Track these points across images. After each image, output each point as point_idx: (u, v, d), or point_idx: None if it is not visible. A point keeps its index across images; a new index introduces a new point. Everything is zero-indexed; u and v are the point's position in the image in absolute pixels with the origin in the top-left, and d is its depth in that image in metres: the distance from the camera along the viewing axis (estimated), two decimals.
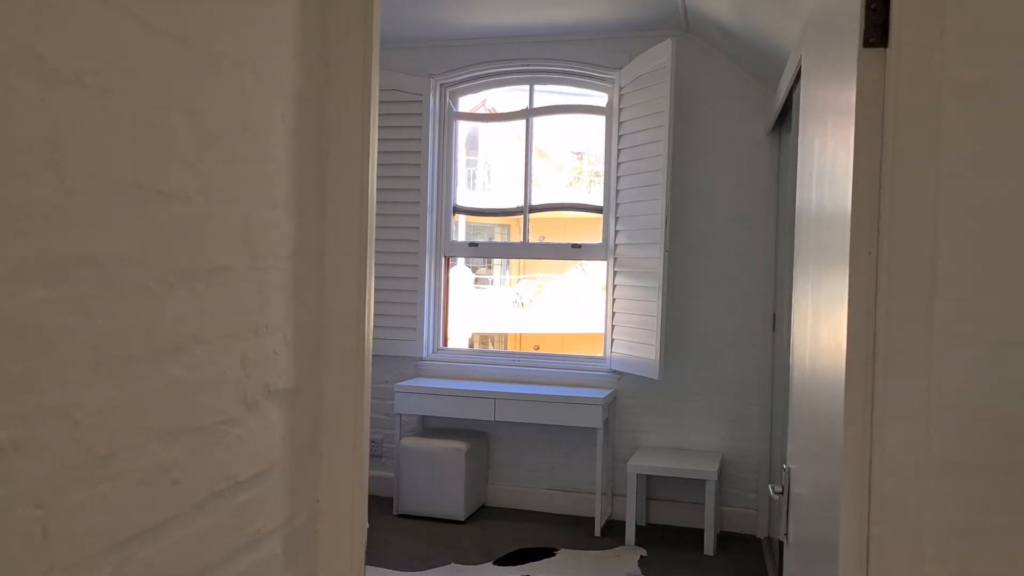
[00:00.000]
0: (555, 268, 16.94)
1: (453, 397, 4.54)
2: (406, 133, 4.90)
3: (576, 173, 16.52)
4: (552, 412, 4.39)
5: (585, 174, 16.55)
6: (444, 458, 4.50)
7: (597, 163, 16.83)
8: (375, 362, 4.93)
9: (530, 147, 4.90)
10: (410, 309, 4.92)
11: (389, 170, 4.93)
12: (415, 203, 4.91)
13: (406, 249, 4.93)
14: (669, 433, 4.58)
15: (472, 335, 16.31)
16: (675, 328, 4.45)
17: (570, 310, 15.90)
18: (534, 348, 17.53)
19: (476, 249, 5.06)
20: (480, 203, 14.78)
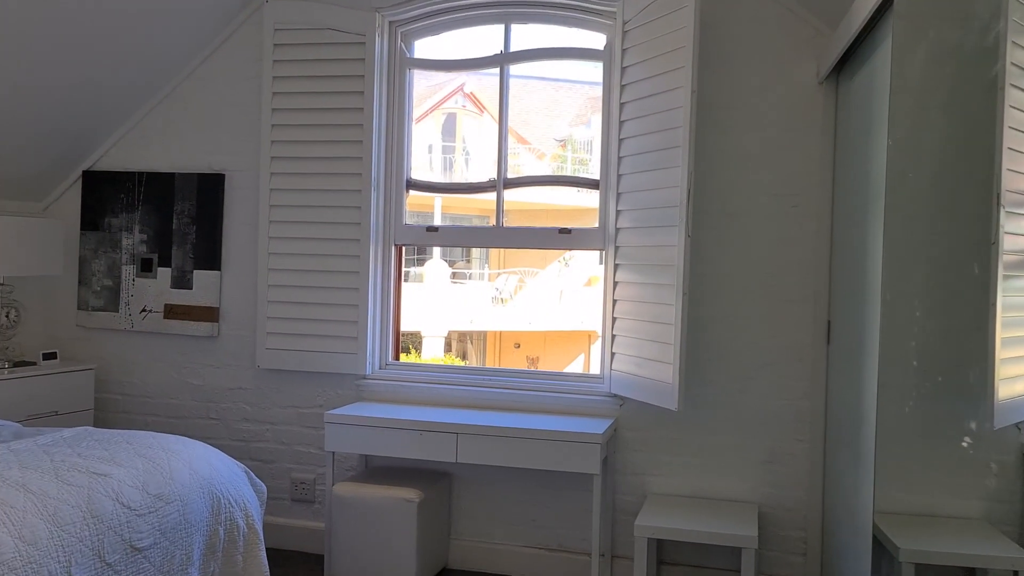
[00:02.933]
0: (537, 261, 15.83)
1: (403, 431, 3.41)
2: (344, 85, 3.76)
3: (559, 162, 15.45)
4: (533, 452, 3.28)
5: (570, 162, 15.52)
6: (390, 511, 3.38)
7: (583, 151, 15.71)
8: (304, 381, 3.80)
9: (505, 102, 3.78)
10: (348, 312, 3.79)
11: (320, 132, 3.79)
12: (355, 175, 3.77)
13: (343, 235, 3.79)
14: (688, 477, 3.48)
15: (449, 333, 15.28)
16: (696, 340, 3.35)
17: (553, 306, 14.84)
18: (514, 346, 16.51)
19: (435, 235, 3.93)
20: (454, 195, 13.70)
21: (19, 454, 2.42)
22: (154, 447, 2.64)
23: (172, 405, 4.07)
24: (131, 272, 4.07)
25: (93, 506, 2.24)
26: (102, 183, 4.12)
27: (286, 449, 3.93)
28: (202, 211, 3.98)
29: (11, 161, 3.88)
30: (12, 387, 3.62)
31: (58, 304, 4.21)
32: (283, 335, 3.84)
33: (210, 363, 4.01)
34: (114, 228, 4.09)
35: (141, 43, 3.71)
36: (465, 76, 16.50)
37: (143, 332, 4.07)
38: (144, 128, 4.10)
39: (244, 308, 3.95)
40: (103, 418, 4.11)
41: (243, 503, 2.77)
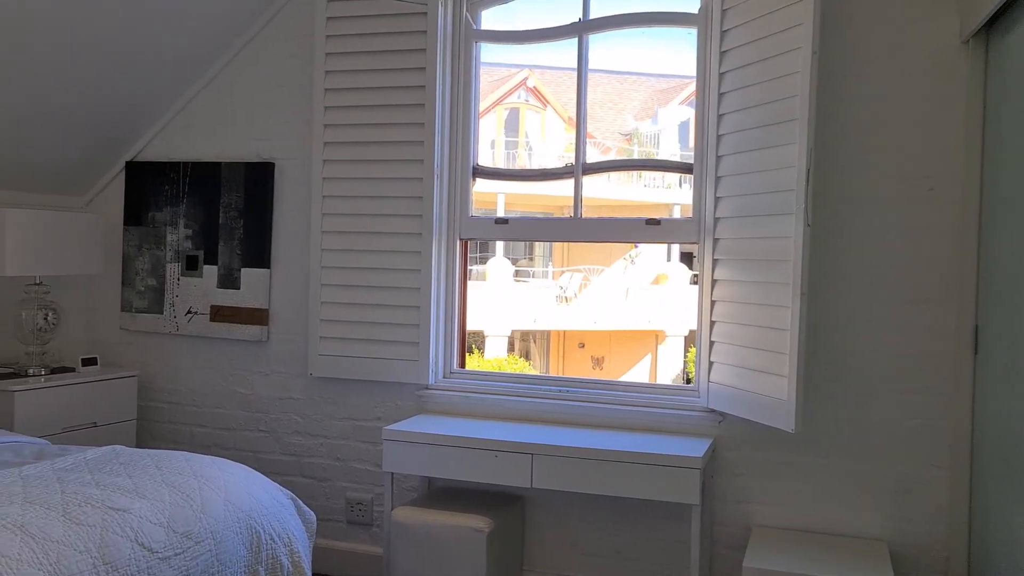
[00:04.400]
0: (602, 259, 15.32)
1: (470, 451, 3.00)
2: (404, 60, 3.37)
3: (625, 157, 14.92)
4: (620, 478, 2.83)
5: (636, 157, 14.97)
6: (457, 541, 2.98)
7: (650, 145, 15.13)
8: (360, 390, 3.42)
9: (584, 76, 3.33)
10: (409, 315, 3.39)
11: (378, 114, 3.40)
12: (415, 162, 3.37)
13: (403, 228, 3.40)
14: (800, 507, 2.99)
15: (512, 332, 14.89)
16: (810, 347, 2.85)
17: (619, 305, 14.33)
18: (578, 346, 16.04)
19: (504, 228, 3.51)
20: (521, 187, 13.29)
21: (28, 482, 2.07)
22: (185, 473, 2.27)
23: (219, 415, 3.73)
24: (176, 271, 3.75)
25: (106, 550, 1.87)
26: (146, 175, 3.81)
27: (341, 466, 3.55)
28: (250, 204, 3.63)
29: (51, 152, 3.60)
30: (49, 396, 3.32)
31: (100, 305, 3.91)
32: (337, 340, 3.47)
33: (259, 370, 3.66)
34: (158, 223, 3.78)
35: (184, 24, 3.38)
36: (528, 69, 16.09)
37: (189, 336, 3.74)
38: (189, 115, 3.78)
39: (295, 310, 3.59)
40: (147, 428, 3.80)
41: (287, 537, 2.39)
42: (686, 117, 14.76)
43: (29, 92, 3.26)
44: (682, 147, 14.23)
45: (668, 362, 14.39)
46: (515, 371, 12.48)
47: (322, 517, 3.52)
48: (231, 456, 3.64)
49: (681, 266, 14.51)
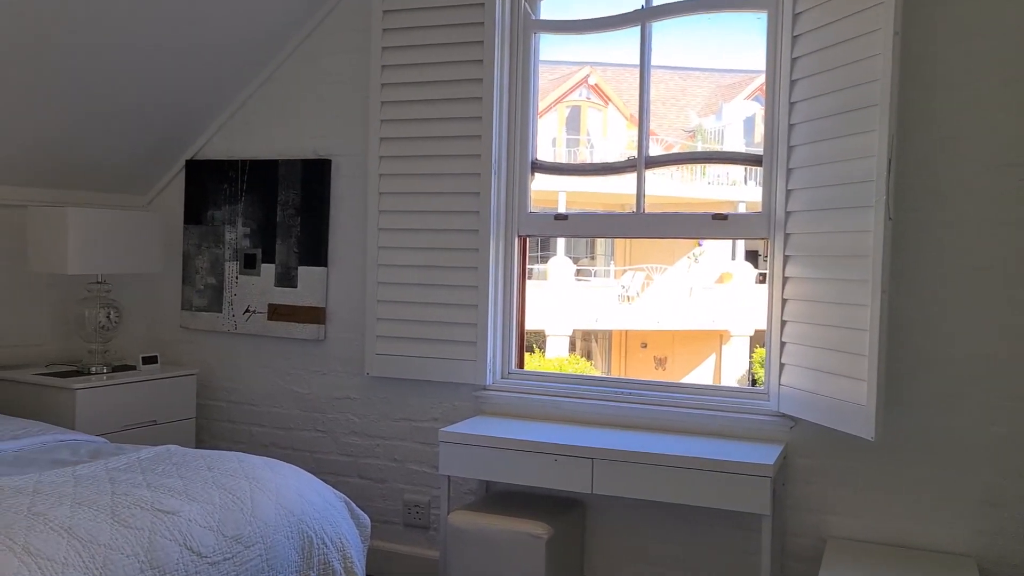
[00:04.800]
0: (665, 257, 15.06)
1: (529, 455, 2.90)
2: (461, 53, 3.29)
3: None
4: (686, 485, 2.69)
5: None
6: (514, 546, 2.88)
7: (714, 142, 14.84)
8: (417, 390, 3.36)
9: (646, 64, 3.19)
10: (466, 313, 3.31)
11: (434, 108, 3.33)
12: (473, 156, 3.29)
13: (460, 224, 3.32)
14: (878, 518, 2.81)
15: (573, 332, 14.75)
16: (891, 348, 2.67)
17: (682, 304, 14.06)
18: (641, 346, 15.80)
19: (564, 224, 3.40)
20: (581, 184, 13.14)
21: (80, 482, 2.05)
22: (236, 475, 2.22)
23: (277, 415, 3.71)
24: (234, 269, 3.74)
25: (154, 554, 1.83)
26: (205, 173, 3.81)
27: (398, 467, 3.49)
28: (307, 201, 3.60)
29: (113, 152, 3.63)
30: (110, 394, 3.33)
31: (161, 304, 3.93)
32: (394, 339, 3.41)
33: (316, 369, 3.63)
34: (217, 221, 3.77)
35: (242, 21, 3.36)
36: (590, 66, 15.92)
37: (247, 334, 3.73)
38: (247, 112, 3.76)
39: (352, 309, 3.54)
40: (206, 427, 3.81)
41: (340, 542, 2.33)
42: (751, 112, 14.42)
43: (93, 92, 3.28)
44: (747, 143, 13.89)
45: (733, 363, 14.07)
46: (576, 371, 12.35)
47: (379, 519, 3.47)
48: (288, 456, 3.61)
49: (746, 264, 14.17)
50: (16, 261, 3.46)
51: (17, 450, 2.44)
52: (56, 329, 3.67)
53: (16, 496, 1.89)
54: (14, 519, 1.75)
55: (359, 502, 3.46)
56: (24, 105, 3.16)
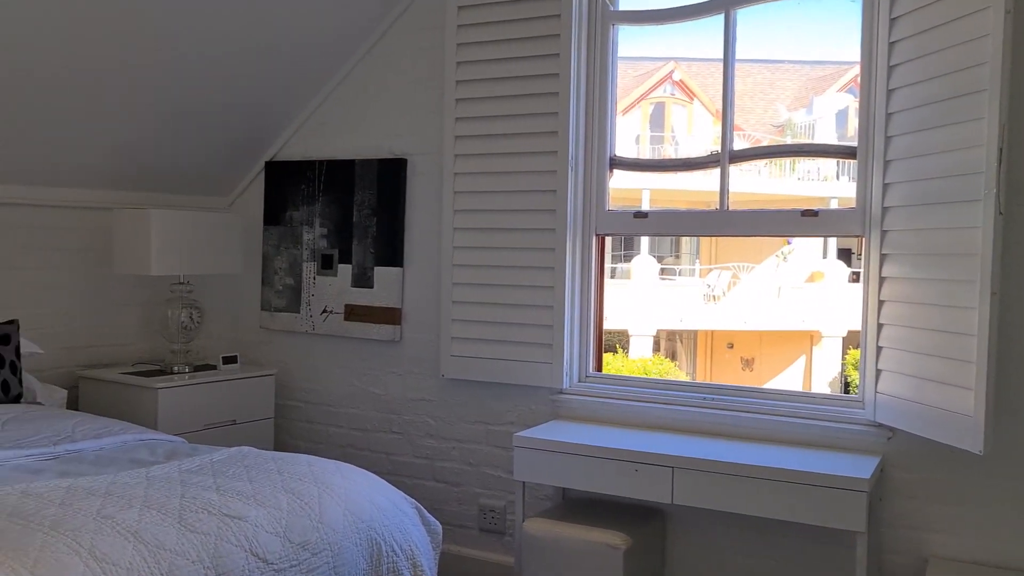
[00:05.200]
0: (752, 256, 14.64)
1: (605, 461, 2.79)
2: (537, 47, 3.20)
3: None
4: (772, 498, 2.54)
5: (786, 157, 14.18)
6: (591, 557, 2.78)
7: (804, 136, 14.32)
8: (493, 393, 3.29)
9: (731, 53, 3.04)
10: (542, 315, 3.22)
11: (510, 105, 3.25)
12: (549, 154, 3.20)
13: (536, 224, 3.23)
14: (984, 537, 2.59)
15: (657, 332, 14.49)
16: (1003, 356, 2.45)
17: (770, 304, 13.63)
18: (727, 346, 15.42)
19: (644, 223, 3.27)
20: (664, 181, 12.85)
21: (152, 484, 2.05)
22: (306, 479, 2.19)
23: (354, 415, 3.70)
24: (312, 270, 3.75)
25: (220, 560, 1.80)
26: (284, 174, 3.83)
27: (473, 471, 3.43)
28: (383, 201, 3.58)
29: (196, 154, 3.68)
30: (191, 393, 3.38)
31: (241, 304, 3.98)
32: (469, 340, 3.35)
33: (392, 370, 3.60)
34: (295, 222, 3.79)
35: (319, 23, 3.36)
36: (674, 62, 15.60)
37: (324, 335, 3.73)
38: (324, 113, 3.76)
39: (427, 309, 3.50)
40: (285, 427, 3.83)
41: (410, 549, 2.27)
42: (844, 105, 13.87)
43: (176, 96, 3.33)
44: (840, 138, 13.37)
45: (824, 365, 13.57)
46: (660, 372, 12.09)
47: (454, 523, 3.41)
48: (365, 458, 3.60)
49: (838, 263, 13.64)
50: (104, 263, 3.55)
51: (98, 449, 2.48)
52: (142, 329, 3.75)
53: (88, 498, 1.90)
54: (83, 521, 1.75)
55: (434, 505, 3.42)
56: (110, 111, 3.23)
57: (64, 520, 1.75)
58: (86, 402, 3.42)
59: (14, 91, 2.92)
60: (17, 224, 3.34)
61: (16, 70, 2.85)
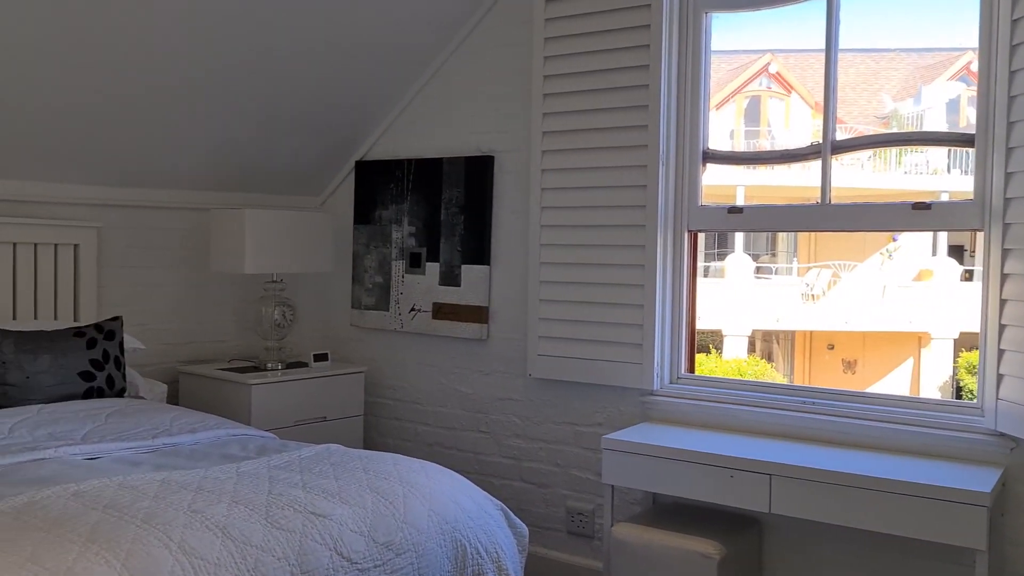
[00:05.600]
0: (855, 253, 14.07)
1: (697, 467, 2.68)
2: (626, 39, 3.11)
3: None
4: (879, 510, 2.39)
5: (892, 149, 13.56)
6: (683, 565, 2.68)
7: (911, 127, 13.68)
8: (580, 393, 3.22)
9: (834, 38, 2.88)
10: (632, 314, 3.13)
11: (598, 98, 3.17)
12: (639, 148, 3.11)
13: (625, 220, 3.14)
14: None
15: (752, 332, 14.09)
16: None
17: (874, 304, 13.07)
18: (827, 347, 14.87)
19: (738, 219, 3.14)
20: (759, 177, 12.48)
21: (241, 479, 2.06)
22: (391, 478, 2.17)
23: (442, 414, 3.69)
24: (400, 268, 3.76)
25: (304, 558, 1.80)
26: (373, 173, 3.86)
27: (561, 472, 3.37)
28: (470, 199, 3.55)
29: (289, 155, 3.75)
30: (284, 390, 3.43)
31: (332, 302, 4.03)
32: (557, 340, 3.29)
33: (479, 369, 3.57)
34: (384, 221, 3.81)
35: (408, 21, 3.36)
36: (770, 54, 15.14)
37: (412, 333, 3.74)
38: (413, 111, 3.77)
39: (514, 308, 3.46)
40: (374, 424, 3.85)
41: (496, 552, 2.22)
42: (956, 94, 13.18)
43: (269, 99, 3.39)
44: (951, 127, 12.69)
45: (933, 369, 12.92)
46: (756, 374, 11.74)
47: (541, 525, 3.36)
48: (452, 457, 3.58)
49: (950, 260, 12.96)
50: (202, 262, 3.64)
51: (193, 443, 2.53)
52: (238, 326, 3.84)
53: (180, 492, 1.92)
54: (174, 515, 1.78)
55: (521, 506, 3.37)
56: (207, 115, 3.31)
57: (156, 513, 1.78)
58: (185, 397, 3.52)
59: (123, 99, 3.03)
60: (124, 225, 3.46)
61: (124, 79, 2.95)
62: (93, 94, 2.97)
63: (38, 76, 2.79)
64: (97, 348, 2.92)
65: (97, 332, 2.96)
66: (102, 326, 2.99)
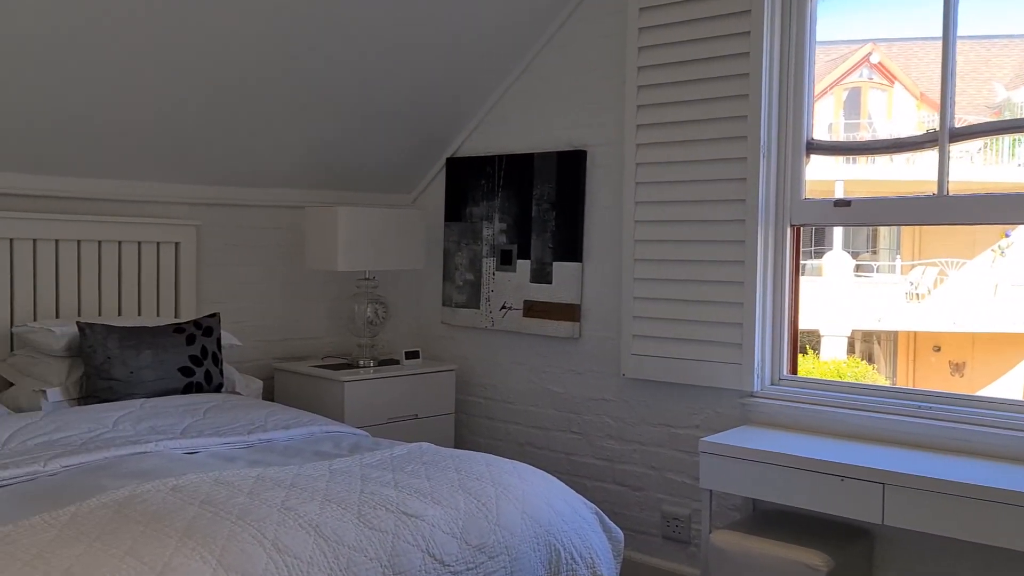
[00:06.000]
0: (963, 250, 13.38)
1: (803, 473, 2.55)
2: (725, 25, 2.99)
3: (988, 138, 12.86)
4: (1005, 524, 2.21)
5: (1007, 138, 12.85)
6: None
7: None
8: (676, 394, 3.12)
9: (953, 26, 2.69)
10: (731, 312, 3.01)
11: (695, 89, 3.06)
12: (738, 139, 2.98)
13: (724, 215, 3.02)
14: None
15: (852, 333, 13.57)
16: None
17: (985, 304, 12.39)
18: (933, 349, 14.20)
19: (846, 212, 2.97)
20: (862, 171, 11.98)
21: (334, 477, 2.06)
22: (483, 479, 2.13)
23: (533, 413, 3.64)
24: (491, 265, 3.72)
25: (396, 559, 1.77)
26: (464, 170, 3.84)
27: (656, 475, 3.27)
28: (562, 195, 3.49)
29: (382, 153, 3.76)
30: (376, 387, 3.44)
31: (423, 300, 4.03)
32: (652, 339, 3.19)
33: (571, 368, 3.50)
34: (475, 217, 3.78)
35: (499, 16, 3.32)
36: (871, 43, 14.53)
37: (503, 331, 3.70)
38: (504, 106, 3.73)
39: (607, 306, 3.37)
40: (465, 423, 3.83)
41: (590, 558, 2.16)
42: None
43: (362, 97, 3.40)
44: None
45: None
46: (855, 375, 11.28)
47: (635, 529, 3.27)
48: (544, 457, 3.53)
49: None
50: (297, 259, 3.69)
51: (287, 440, 2.54)
52: (331, 323, 3.88)
53: (274, 489, 1.92)
54: (268, 512, 1.77)
55: (615, 510, 3.29)
56: (303, 114, 3.35)
57: (251, 510, 1.78)
58: (280, 393, 3.57)
59: (223, 101, 3.09)
60: (222, 223, 3.53)
61: (223, 82, 3.01)
62: (194, 96, 3.03)
63: (142, 79, 2.86)
64: (196, 344, 2.98)
65: (196, 329, 3.02)
66: (201, 323, 3.06)
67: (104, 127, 2.97)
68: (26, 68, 2.64)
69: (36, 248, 3.01)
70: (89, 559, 1.53)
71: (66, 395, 2.75)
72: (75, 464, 2.12)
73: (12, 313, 2.96)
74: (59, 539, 1.61)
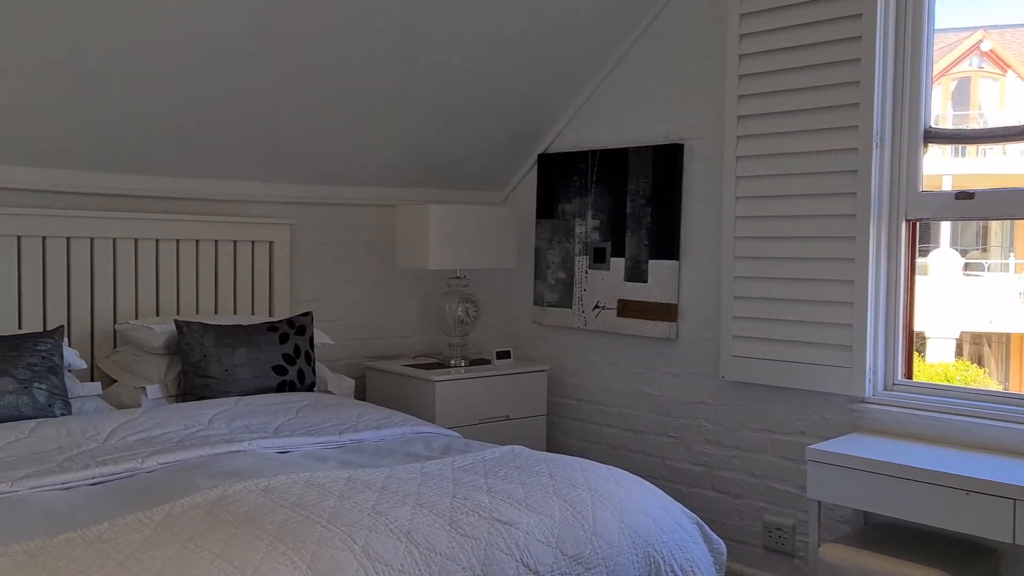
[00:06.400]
0: None
1: (921, 485, 2.37)
2: (834, 8, 2.82)
3: None
4: None
5: None
6: None
7: None
8: (779, 398, 2.97)
9: None
10: (839, 312, 2.83)
11: (801, 77, 2.90)
12: (848, 129, 2.80)
13: (832, 209, 2.85)
14: None
15: (960, 335, 12.88)
16: None
17: None
18: None
19: (970, 205, 2.74)
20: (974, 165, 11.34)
21: (425, 480, 2.00)
22: (578, 485, 2.04)
23: (627, 416, 3.53)
24: (584, 263, 3.63)
25: (489, 568, 1.70)
26: (556, 166, 3.75)
27: (757, 483, 3.11)
28: (657, 190, 3.36)
29: (473, 149, 3.72)
30: (467, 387, 3.40)
31: (515, 299, 3.96)
32: (753, 340, 3.04)
33: (667, 370, 3.38)
34: (567, 215, 3.69)
35: (590, 9, 3.23)
36: (983, 31, 13.79)
37: (596, 331, 3.60)
38: (597, 100, 3.63)
39: (705, 305, 3.24)
40: (557, 424, 3.75)
41: (692, 570, 2.04)
42: None
43: (455, 93, 3.36)
44: None
45: None
46: (965, 380, 10.66)
47: (735, 538, 3.12)
48: (639, 461, 3.41)
49: None
50: (388, 258, 3.68)
51: (378, 440, 2.51)
52: (422, 322, 3.86)
53: (365, 491, 1.88)
54: (359, 517, 1.73)
55: (713, 518, 3.15)
56: (397, 112, 3.33)
57: (341, 514, 1.74)
58: (371, 392, 3.56)
59: (315, 102, 3.10)
60: (315, 222, 3.55)
61: (316, 84, 3.02)
62: (288, 98, 3.05)
63: (240, 82, 2.89)
64: (289, 343, 2.99)
65: (289, 327, 3.03)
66: (294, 321, 3.07)
67: (201, 130, 3.02)
68: (137, 77, 2.71)
69: (137, 247, 3.08)
70: (181, 561, 1.52)
71: (165, 392, 2.79)
72: (171, 462, 2.14)
73: (115, 311, 3.03)
74: (152, 539, 1.60)
